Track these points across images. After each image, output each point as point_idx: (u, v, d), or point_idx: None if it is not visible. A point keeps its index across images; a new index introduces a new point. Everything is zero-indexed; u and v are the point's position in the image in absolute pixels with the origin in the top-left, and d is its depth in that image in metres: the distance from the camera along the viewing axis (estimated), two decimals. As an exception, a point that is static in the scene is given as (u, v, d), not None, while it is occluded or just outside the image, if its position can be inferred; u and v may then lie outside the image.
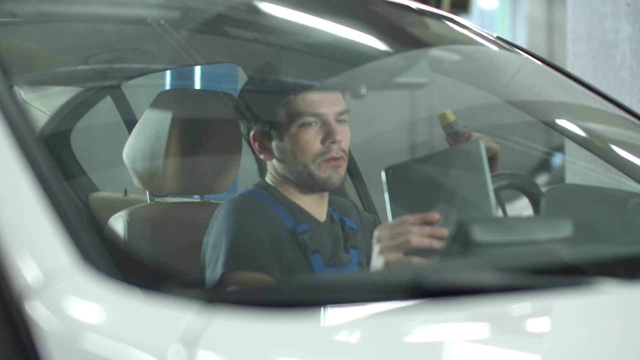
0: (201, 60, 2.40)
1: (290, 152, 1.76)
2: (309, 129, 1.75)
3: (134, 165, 1.98)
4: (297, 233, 1.74)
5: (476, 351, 0.96)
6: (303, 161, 1.76)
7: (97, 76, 2.59)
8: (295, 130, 1.75)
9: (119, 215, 1.98)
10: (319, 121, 1.75)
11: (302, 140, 1.75)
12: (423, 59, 2.00)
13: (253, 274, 1.67)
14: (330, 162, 1.75)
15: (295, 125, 1.75)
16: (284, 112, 1.76)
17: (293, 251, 1.73)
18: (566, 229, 1.41)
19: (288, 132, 1.76)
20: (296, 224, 1.76)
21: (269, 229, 1.72)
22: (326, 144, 1.75)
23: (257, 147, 1.80)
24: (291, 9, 2.05)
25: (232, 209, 1.74)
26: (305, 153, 1.75)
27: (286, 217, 1.77)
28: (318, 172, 1.76)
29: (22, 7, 1.94)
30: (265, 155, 1.80)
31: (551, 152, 3.50)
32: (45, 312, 0.94)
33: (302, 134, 1.75)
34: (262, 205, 1.77)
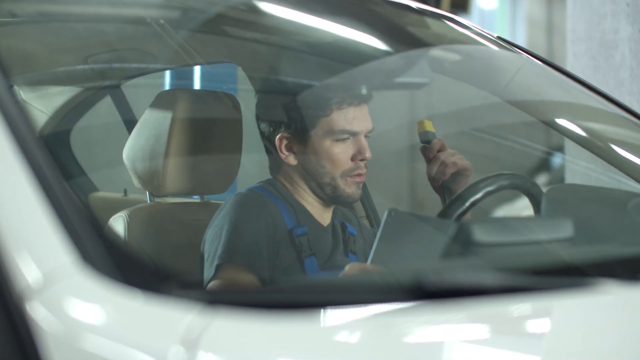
0: (201, 60, 2.39)
1: (319, 162, 1.77)
2: (342, 143, 1.76)
3: (134, 166, 1.98)
4: (295, 235, 1.74)
5: (477, 352, 0.96)
6: (332, 174, 1.77)
7: (96, 76, 2.59)
8: (329, 144, 1.76)
9: (119, 216, 1.98)
10: (353, 137, 1.77)
11: (334, 154, 1.76)
12: (423, 58, 2.00)
13: (242, 273, 1.67)
14: (356, 179, 1.78)
15: (331, 138, 1.76)
16: (322, 123, 1.76)
17: (288, 252, 1.73)
18: (567, 229, 1.41)
19: (321, 143, 1.76)
20: (296, 226, 1.76)
21: (268, 227, 1.73)
22: (356, 160, 1.77)
23: (283, 149, 1.80)
24: (291, 9, 2.05)
25: (235, 204, 1.75)
26: (335, 166, 1.77)
27: (289, 217, 1.77)
28: (344, 187, 1.78)
29: (22, 7, 1.93)
30: (289, 158, 1.80)
31: (551, 152, 3.51)
32: (46, 313, 0.94)
33: (336, 148, 1.76)
34: (267, 202, 1.77)
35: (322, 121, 1.76)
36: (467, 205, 1.72)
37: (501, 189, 1.73)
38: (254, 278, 1.68)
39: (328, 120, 1.76)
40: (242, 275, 1.68)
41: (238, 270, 1.68)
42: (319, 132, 1.76)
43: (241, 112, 2.04)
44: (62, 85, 2.69)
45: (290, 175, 1.82)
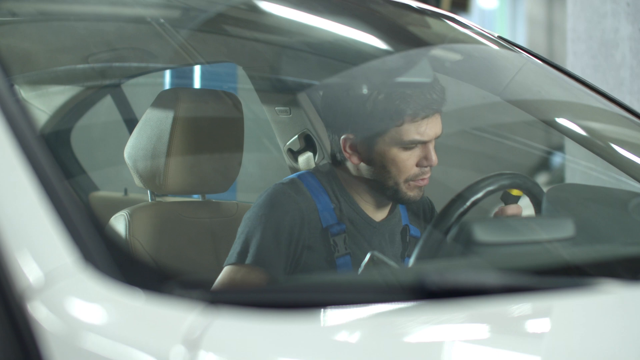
0: (201, 59, 2.39)
1: (384, 167, 1.75)
2: (409, 151, 1.74)
3: (135, 165, 1.98)
4: (330, 234, 1.73)
5: (478, 352, 0.96)
6: (395, 178, 1.75)
7: (97, 75, 2.59)
8: (397, 151, 1.73)
9: (120, 215, 1.98)
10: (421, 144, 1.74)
11: (400, 160, 1.74)
12: (424, 58, 1.99)
13: (256, 273, 1.67)
14: (419, 183, 1.76)
15: (399, 146, 1.73)
16: (392, 132, 1.73)
17: (319, 251, 1.72)
18: (568, 229, 1.40)
19: (388, 149, 1.74)
20: (332, 224, 1.75)
21: (293, 227, 1.70)
22: (421, 166, 1.75)
23: (347, 149, 1.77)
24: (292, 9, 2.05)
25: (267, 199, 1.73)
26: (400, 172, 1.74)
27: (328, 212, 1.75)
28: (406, 191, 1.76)
29: (23, 6, 1.93)
30: (352, 158, 1.77)
31: (552, 152, 3.51)
32: (47, 312, 0.94)
33: (403, 155, 1.74)
34: (301, 198, 1.74)
35: (392, 130, 1.73)
36: (467, 205, 1.72)
37: (502, 189, 1.72)
38: (267, 279, 1.67)
39: (398, 130, 1.73)
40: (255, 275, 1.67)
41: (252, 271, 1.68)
42: (387, 139, 1.74)
43: (242, 111, 2.04)
44: (62, 85, 2.69)
45: (350, 170, 1.80)
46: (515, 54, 2.01)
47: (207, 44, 2.29)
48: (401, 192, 1.76)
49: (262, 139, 2.52)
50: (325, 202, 1.76)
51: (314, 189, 1.76)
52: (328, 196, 1.77)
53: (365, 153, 1.76)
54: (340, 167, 1.81)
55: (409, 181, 1.75)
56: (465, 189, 1.73)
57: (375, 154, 1.75)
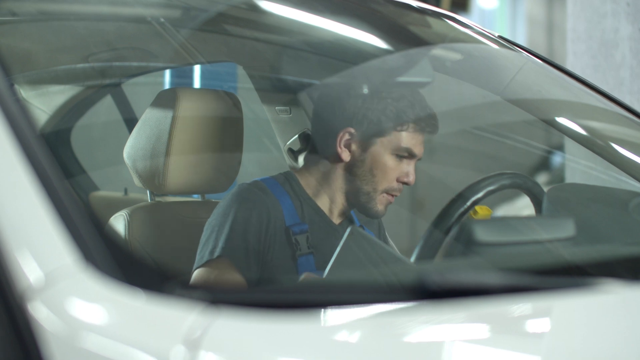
0: (201, 59, 2.39)
1: (370, 170, 1.77)
2: (398, 161, 1.77)
3: (135, 164, 1.98)
4: (292, 232, 1.74)
5: (479, 352, 0.96)
6: (375, 184, 1.77)
7: (97, 75, 2.59)
8: (389, 156, 1.76)
9: (120, 215, 1.98)
10: (408, 159, 1.77)
11: (388, 167, 1.76)
12: (425, 57, 1.99)
13: (227, 269, 1.68)
14: (390, 198, 1.79)
15: (393, 152, 1.76)
16: (392, 135, 1.76)
17: (281, 250, 1.73)
18: (569, 228, 1.40)
19: (383, 152, 1.76)
20: (295, 223, 1.76)
21: (261, 223, 1.72)
22: (401, 180, 1.78)
23: (342, 143, 1.79)
24: (292, 8, 2.05)
25: (232, 198, 1.75)
26: (383, 180, 1.77)
27: (291, 213, 1.76)
28: (377, 201, 1.78)
29: (23, 5, 1.93)
30: (343, 154, 1.79)
31: (552, 151, 3.51)
32: (47, 313, 0.94)
33: (392, 162, 1.76)
34: (265, 197, 1.76)
35: (394, 134, 1.76)
36: (468, 205, 1.72)
37: (502, 188, 1.73)
38: (238, 275, 1.67)
39: (398, 135, 1.76)
40: (226, 271, 1.68)
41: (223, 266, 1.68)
42: (385, 142, 1.76)
43: (242, 110, 2.04)
44: (62, 84, 2.69)
45: (324, 171, 1.82)
46: (516, 54, 2.01)
47: (207, 44, 2.29)
48: (373, 202, 1.79)
49: (262, 138, 2.52)
50: (288, 203, 1.78)
51: (276, 190, 1.78)
52: (290, 197, 1.78)
53: (359, 151, 1.77)
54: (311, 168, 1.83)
55: (384, 192, 1.78)
56: (466, 189, 1.73)
57: (369, 154, 1.77)
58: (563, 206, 1.76)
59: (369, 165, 1.77)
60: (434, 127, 1.78)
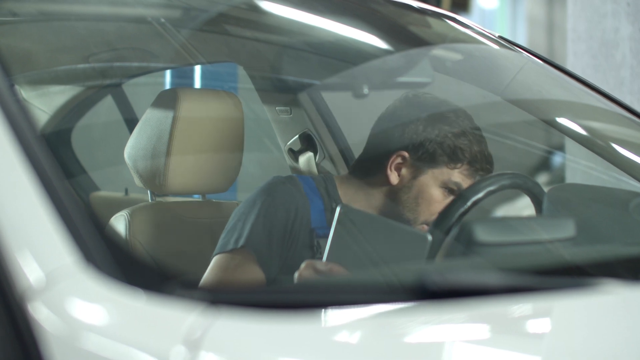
0: (202, 59, 2.39)
1: (415, 199, 1.77)
2: (445, 195, 1.77)
3: (136, 165, 1.98)
4: (315, 234, 1.73)
5: (479, 352, 0.95)
6: (417, 213, 1.77)
7: (98, 75, 2.59)
8: (437, 188, 1.76)
9: (120, 215, 1.98)
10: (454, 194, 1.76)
11: (434, 200, 1.76)
12: (425, 58, 1.99)
13: (248, 263, 1.67)
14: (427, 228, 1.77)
15: (442, 185, 1.76)
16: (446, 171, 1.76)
17: (302, 249, 1.72)
18: (569, 229, 1.40)
19: (432, 184, 1.76)
20: (320, 226, 1.75)
21: (288, 219, 1.71)
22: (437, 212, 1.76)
23: (392, 166, 1.78)
24: (293, 8, 2.05)
25: (264, 189, 1.74)
26: (426, 211, 1.76)
27: (319, 215, 1.76)
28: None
29: (23, 6, 1.93)
30: (391, 177, 1.78)
31: (552, 151, 3.51)
32: (48, 313, 0.94)
33: (439, 196, 1.76)
34: (297, 193, 1.75)
35: (446, 168, 1.76)
36: (468, 205, 1.72)
37: (503, 189, 1.72)
38: (257, 269, 1.67)
39: (450, 172, 1.76)
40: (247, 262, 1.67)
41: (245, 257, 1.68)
42: (436, 174, 1.76)
43: (242, 111, 2.04)
44: (63, 85, 2.69)
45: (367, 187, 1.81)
46: (516, 54, 2.01)
47: (207, 44, 2.29)
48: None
49: (262, 138, 2.52)
50: (318, 204, 1.77)
51: (310, 190, 1.77)
52: (322, 200, 1.77)
53: (408, 177, 1.77)
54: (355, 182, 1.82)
55: (424, 223, 1.77)
56: (466, 189, 1.73)
57: (417, 182, 1.77)
58: (563, 206, 1.76)
59: (415, 193, 1.77)
60: (487, 171, 1.78)
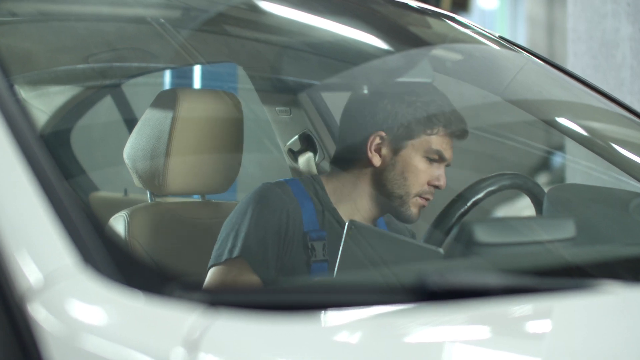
0: (201, 59, 2.39)
1: (402, 174, 1.76)
2: (429, 164, 1.76)
3: (135, 165, 1.97)
4: (310, 238, 1.73)
5: (479, 353, 0.95)
6: (408, 188, 1.76)
7: (97, 75, 2.59)
8: (420, 159, 1.76)
9: (120, 216, 1.97)
10: (439, 162, 1.77)
11: (420, 171, 1.76)
12: (425, 58, 1.99)
13: (243, 270, 1.67)
14: (422, 202, 1.77)
15: (423, 155, 1.76)
16: (424, 140, 1.76)
17: (297, 254, 1.72)
18: (569, 229, 1.40)
19: (413, 156, 1.76)
20: (314, 229, 1.75)
21: (281, 226, 1.71)
22: (432, 184, 1.77)
23: (372, 148, 1.78)
24: (292, 9, 2.05)
25: (254, 197, 1.74)
26: (415, 183, 1.76)
27: (311, 219, 1.76)
28: (410, 205, 1.77)
29: (23, 6, 1.93)
30: (374, 159, 1.78)
31: (552, 152, 3.51)
32: (47, 314, 0.94)
33: (423, 165, 1.76)
34: (287, 198, 1.75)
35: (424, 137, 1.76)
36: (468, 205, 1.72)
37: (503, 189, 1.72)
38: (255, 277, 1.67)
39: (429, 139, 1.76)
40: (243, 272, 1.67)
41: (240, 266, 1.68)
42: (416, 144, 1.76)
43: (242, 111, 2.04)
44: (62, 85, 2.69)
45: (352, 176, 1.81)
46: (516, 54, 2.01)
47: (207, 44, 2.29)
48: (406, 205, 1.77)
49: (262, 139, 2.52)
50: (309, 208, 1.77)
51: (299, 194, 1.77)
52: (312, 203, 1.77)
53: (390, 155, 1.77)
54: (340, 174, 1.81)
55: (417, 195, 1.76)
56: (466, 189, 1.73)
57: (400, 158, 1.76)
58: (563, 207, 1.76)
59: (400, 168, 1.77)
60: (463, 131, 1.79)
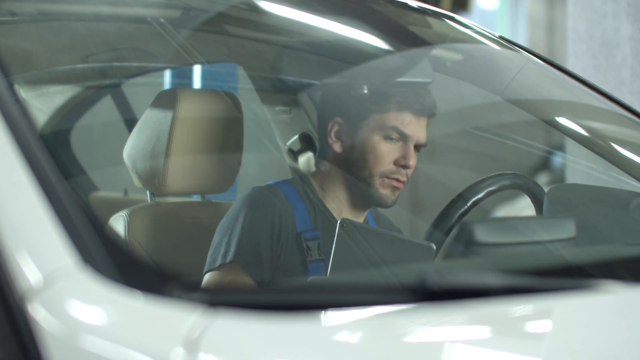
0: (201, 59, 2.39)
1: (362, 154, 1.76)
2: (390, 143, 1.75)
3: (135, 165, 1.97)
4: (304, 238, 1.73)
5: (480, 353, 0.95)
6: (370, 169, 1.76)
7: (97, 75, 2.59)
8: (377, 139, 1.75)
9: (120, 215, 1.97)
10: (402, 141, 1.75)
11: (379, 150, 1.75)
12: (425, 58, 1.99)
13: (239, 274, 1.67)
14: (393, 182, 1.76)
15: (380, 134, 1.75)
16: (377, 118, 1.75)
17: (292, 255, 1.72)
18: (569, 229, 1.40)
19: (370, 136, 1.76)
20: (307, 229, 1.75)
21: (273, 229, 1.72)
22: (398, 164, 1.75)
23: (332, 135, 1.79)
24: (292, 8, 2.05)
25: (244, 201, 1.74)
26: (376, 163, 1.75)
27: (303, 219, 1.76)
28: (379, 186, 1.76)
29: (23, 6, 1.93)
30: (335, 145, 1.79)
31: (553, 151, 3.51)
32: (47, 314, 0.94)
33: (382, 146, 1.75)
34: (278, 201, 1.75)
35: (377, 116, 1.75)
36: (468, 205, 1.72)
37: (503, 189, 1.72)
38: (249, 280, 1.67)
39: (383, 116, 1.75)
40: (238, 276, 1.68)
41: (235, 271, 1.68)
42: (371, 124, 1.75)
43: (242, 111, 2.03)
44: (62, 85, 2.69)
45: (325, 169, 1.81)
46: (516, 54, 2.01)
47: (207, 44, 2.29)
48: (374, 187, 1.76)
49: (262, 139, 2.52)
50: (301, 209, 1.77)
51: (290, 195, 1.78)
52: (304, 203, 1.77)
53: (348, 139, 1.77)
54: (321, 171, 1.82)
55: (383, 177, 1.75)
56: (466, 189, 1.73)
57: (357, 140, 1.76)
58: (564, 207, 1.76)
59: (359, 150, 1.76)
60: (421, 105, 1.76)
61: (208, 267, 1.70)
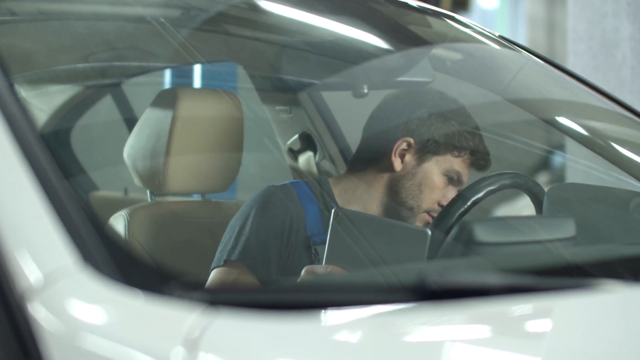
0: (201, 58, 2.39)
1: (419, 185, 1.77)
2: (446, 183, 1.78)
3: (135, 164, 1.98)
4: (312, 242, 1.73)
5: (479, 353, 0.95)
6: (420, 202, 1.77)
7: (97, 75, 2.59)
8: (440, 175, 1.77)
9: (120, 215, 1.97)
10: (453, 185, 1.78)
11: (437, 186, 1.77)
12: (425, 57, 1.99)
13: (244, 273, 1.67)
14: (428, 219, 1.78)
15: (444, 172, 1.77)
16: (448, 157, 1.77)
17: (300, 258, 1.72)
18: (569, 229, 1.40)
19: (435, 170, 1.77)
20: (317, 233, 1.75)
21: (283, 230, 1.71)
22: (440, 204, 1.77)
23: (397, 151, 1.79)
24: (292, 8, 2.05)
25: (257, 200, 1.74)
26: (429, 198, 1.77)
27: (315, 222, 1.75)
28: (417, 218, 1.78)
29: (23, 6, 1.93)
30: (395, 163, 1.79)
31: (553, 151, 3.51)
32: (47, 313, 0.94)
33: (441, 183, 1.77)
34: (291, 202, 1.75)
35: (450, 156, 1.77)
36: (468, 205, 1.72)
37: (503, 188, 1.72)
38: (253, 279, 1.67)
39: (453, 160, 1.77)
40: (242, 275, 1.68)
41: (240, 270, 1.68)
42: (440, 161, 1.77)
43: (242, 110, 2.03)
44: (62, 84, 2.69)
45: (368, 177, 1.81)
46: (516, 53, 2.01)
47: (207, 44, 2.29)
48: (413, 218, 1.78)
49: (262, 138, 2.52)
50: (314, 212, 1.77)
51: (305, 197, 1.77)
52: (318, 206, 1.77)
53: (412, 163, 1.78)
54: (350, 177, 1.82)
55: (426, 211, 1.78)
56: (466, 189, 1.73)
57: (421, 169, 1.77)
58: (563, 206, 1.76)
59: (419, 179, 1.77)
60: (486, 162, 1.80)
61: (215, 264, 1.70)
